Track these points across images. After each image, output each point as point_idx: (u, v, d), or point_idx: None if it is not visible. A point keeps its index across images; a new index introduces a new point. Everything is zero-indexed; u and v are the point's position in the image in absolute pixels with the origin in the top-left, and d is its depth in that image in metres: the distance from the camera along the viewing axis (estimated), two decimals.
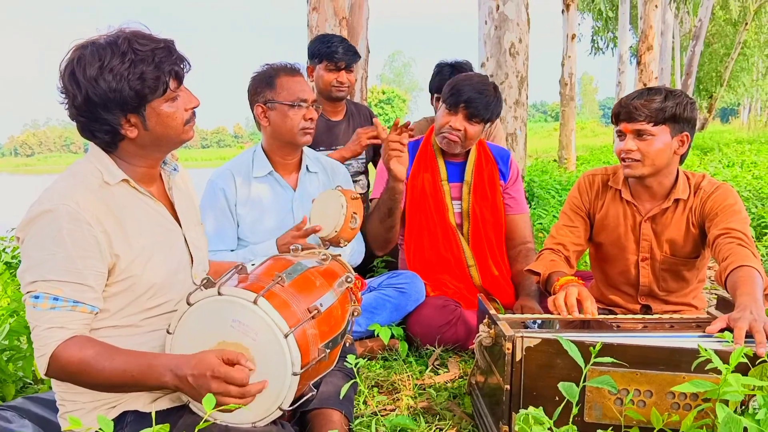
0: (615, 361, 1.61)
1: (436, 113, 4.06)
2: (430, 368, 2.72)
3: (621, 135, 2.41)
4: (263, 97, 2.72)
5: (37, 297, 1.55)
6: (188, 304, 1.62)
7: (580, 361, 1.51)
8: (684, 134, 2.38)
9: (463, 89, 2.98)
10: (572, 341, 1.59)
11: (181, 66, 1.67)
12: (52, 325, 1.54)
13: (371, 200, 3.27)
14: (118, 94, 1.57)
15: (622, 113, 2.37)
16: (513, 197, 3.26)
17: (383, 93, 58.24)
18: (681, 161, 2.47)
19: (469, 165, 3.19)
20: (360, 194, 3.65)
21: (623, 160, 2.41)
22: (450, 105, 3.03)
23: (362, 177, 3.85)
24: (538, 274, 2.52)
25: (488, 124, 3.12)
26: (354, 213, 2.45)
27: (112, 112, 1.60)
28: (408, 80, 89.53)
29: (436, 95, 3.99)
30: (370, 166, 3.95)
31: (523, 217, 3.29)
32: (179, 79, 1.67)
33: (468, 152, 3.21)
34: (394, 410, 2.34)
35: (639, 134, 2.35)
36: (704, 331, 1.88)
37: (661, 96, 2.33)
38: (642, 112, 2.32)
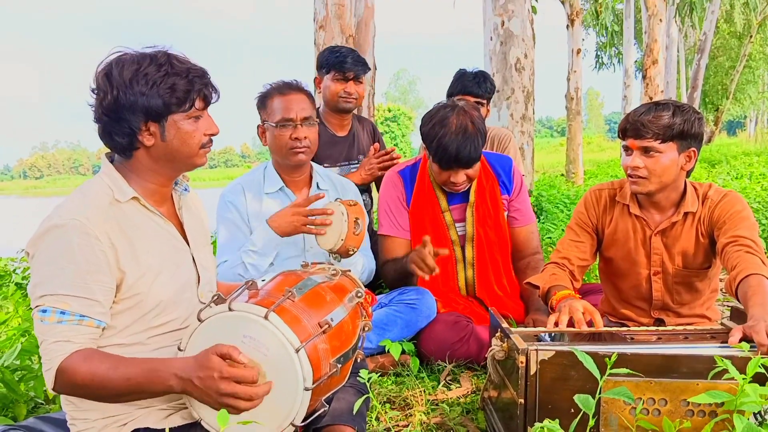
0: (630, 371, 1.59)
1: None
2: (442, 383, 2.71)
3: (628, 150, 2.38)
4: (261, 118, 2.83)
5: (44, 311, 1.56)
6: (199, 320, 1.61)
7: (596, 373, 1.50)
8: (691, 150, 2.36)
9: (448, 148, 2.84)
10: (586, 353, 1.57)
11: (211, 91, 1.73)
12: (59, 339, 1.55)
13: (379, 235, 3.26)
14: (147, 99, 1.62)
15: (630, 129, 2.35)
16: (518, 209, 3.23)
17: (389, 111, 58.35)
18: (687, 175, 2.45)
19: (473, 186, 3.13)
20: None
21: (630, 176, 2.39)
22: (443, 165, 2.93)
23: (365, 196, 3.83)
24: (537, 287, 2.51)
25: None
26: (356, 218, 2.44)
27: (135, 115, 1.63)
28: (413, 98, 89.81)
29: (458, 98, 3.99)
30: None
31: (530, 227, 3.27)
32: (206, 102, 1.72)
33: None
34: (407, 426, 2.32)
35: (646, 151, 2.33)
36: (719, 342, 1.87)
37: (669, 112, 2.30)
38: (650, 129, 2.29)
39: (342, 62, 3.55)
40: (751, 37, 25.70)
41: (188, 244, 1.83)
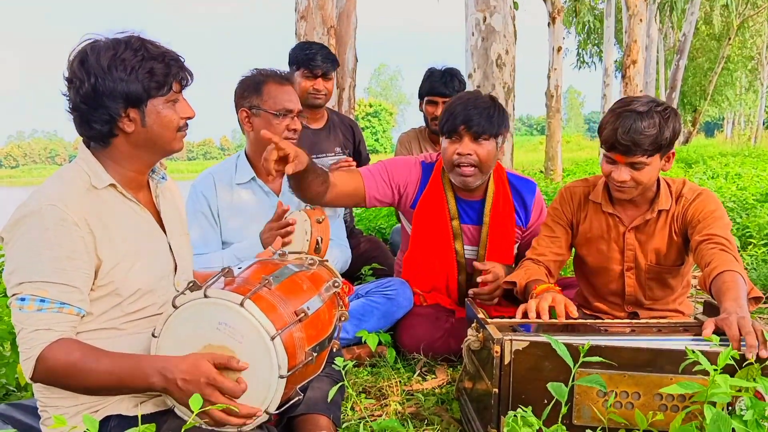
0: (604, 361, 1.60)
1: (425, 118, 4.07)
2: (417, 374, 2.71)
3: (612, 161, 2.34)
4: (249, 102, 2.72)
5: (23, 299, 1.54)
6: (174, 306, 1.60)
7: (569, 361, 1.51)
8: (671, 152, 2.37)
9: (456, 110, 2.69)
10: (561, 343, 1.59)
11: (186, 74, 1.74)
12: (39, 327, 1.53)
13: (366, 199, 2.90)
14: (126, 84, 1.61)
15: (619, 147, 2.27)
16: (532, 237, 2.82)
17: (370, 106, 58.29)
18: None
19: (487, 204, 2.91)
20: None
21: (616, 187, 2.37)
22: (449, 131, 2.72)
23: None
24: (515, 284, 2.50)
25: (500, 140, 2.78)
26: (318, 238, 2.43)
27: (115, 102, 1.62)
28: (395, 93, 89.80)
29: (427, 98, 4.01)
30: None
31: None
32: (182, 86, 1.73)
33: (486, 189, 2.93)
34: (381, 415, 2.32)
35: (633, 165, 2.30)
36: (692, 335, 1.89)
37: (654, 128, 2.23)
38: (639, 147, 2.24)
39: (311, 60, 3.61)
40: (729, 39, 26.01)
41: (165, 233, 1.82)
